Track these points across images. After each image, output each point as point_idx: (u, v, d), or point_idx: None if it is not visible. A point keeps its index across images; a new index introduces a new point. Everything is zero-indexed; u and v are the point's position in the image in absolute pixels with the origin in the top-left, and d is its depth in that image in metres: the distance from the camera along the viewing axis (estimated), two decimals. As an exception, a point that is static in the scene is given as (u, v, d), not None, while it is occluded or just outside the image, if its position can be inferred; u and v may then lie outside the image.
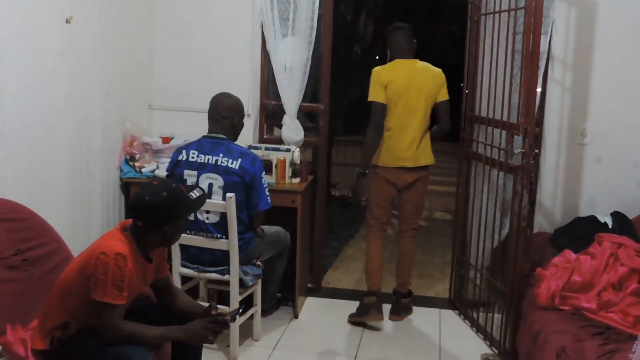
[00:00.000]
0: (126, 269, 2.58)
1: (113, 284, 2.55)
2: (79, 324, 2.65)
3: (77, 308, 2.64)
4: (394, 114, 4.23)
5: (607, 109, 4.38)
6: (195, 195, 2.88)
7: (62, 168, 3.58)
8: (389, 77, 4.21)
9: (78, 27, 3.59)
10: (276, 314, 4.42)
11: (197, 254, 3.76)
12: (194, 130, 4.06)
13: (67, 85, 3.57)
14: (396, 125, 4.24)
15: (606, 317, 3.35)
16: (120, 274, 2.56)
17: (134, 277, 2.65)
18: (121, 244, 2.64)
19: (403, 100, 4.21)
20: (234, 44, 4.60)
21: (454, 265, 4.75)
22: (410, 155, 4.26)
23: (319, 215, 4.88)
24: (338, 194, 8.31)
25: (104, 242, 2.67)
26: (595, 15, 4.30)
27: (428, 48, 13.92)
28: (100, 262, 2.56)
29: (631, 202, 4.32)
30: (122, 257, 2.58)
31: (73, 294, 2.64)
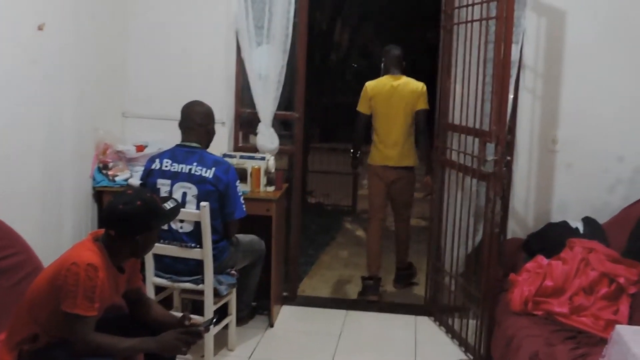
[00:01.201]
0: (97, 280, 2.54)
1: (84, 295, 2.51)
2: (48, 336, 2.60)
3: (46, 320, 2.59)
4: (379, 121, 4.96)
5: (577, 115, 4.41)
6: (170, 206, 2.86)
7: (33, 176, 3.52)
8: (374, 91, 4.95)
9: (50, 34, 3.54)
10: (251, 323, 4.39)
11: (171, 264, 3.72)
12: (168, 138, 4.01)
13: (39, 92, 3.51)
14: (381, 131, 4.96)
15: (578, 322, 3.40)
16: (91, 285, 2.52)
17: (106, 288, 2.62)
18: (92, 254, 2.60)
19: (385, 110, 4.92)
20: (209, 51, 4.57)
21: (429, 271, 4.75)
22: (394, 155, 4.92)
23: (294, 224, 4.86)
24: (314, 201, 8.31)
25: (74, 252, 2.63)
26: (565, 24, 4.34)
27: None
28: (70, 272, 2.52)
29: (601, 207, 4.35)
30: (93, 268, 2.54)
31: (43, 306, 2.59)
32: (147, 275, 3.67)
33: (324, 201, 8.45)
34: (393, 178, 4.96)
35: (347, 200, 8.37)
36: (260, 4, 4.48)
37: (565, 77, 4.39)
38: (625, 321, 3.30)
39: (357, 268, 5.85)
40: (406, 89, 4.88)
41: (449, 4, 4.41)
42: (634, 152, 4.39)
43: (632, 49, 4.32)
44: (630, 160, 4.40)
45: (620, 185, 4.41)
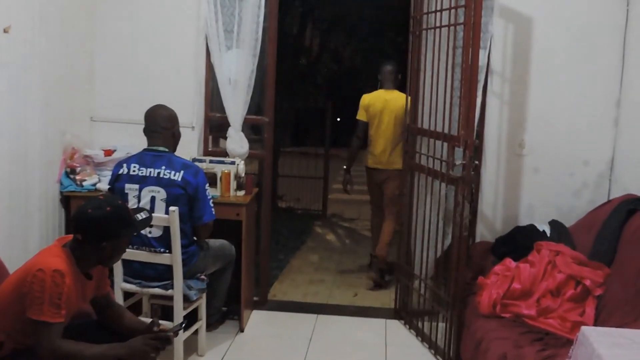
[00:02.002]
0: (64, 286, 2.51)
1: (50, 302, 2.48)
2: (14, 343, 2.57)
3: (12, 327, 2.56)
4: (373, 129, 5.50)
5: (543, 120, 4.47)
6: (141, 217, 2.84)
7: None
8: (369, 102, 5.50)
9: (17, 36, 3.49)
10: (221, 328, 4.37)
11: (140, 269, 3.69)
12: (137, 142, 3.97)
13: (5, 95, 3.46)
14: (374, 137, 5.51)
15: (545, 323, 3.44)
16: (57, 292, 2.49)
17: (73, 295, 2.59)
18: (59, 260, 2.57)
19: (377, 120, 5.45)
20: (178, 55, 4.55)
21: (398, 275, 4.77)
22: (384, 160, 5.46)
23: (265, 228, 4.85)
24: (285, 206, 8.31)
25: (41, 258, 2.60)
26: (531, 30, 4.40)
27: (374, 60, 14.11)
28: (36, 279, 2.48)
29: (568, 211, 4.42)
30: (60, 274, 2.51)
31: (8, 313, 2.55)
32: (115, 281, 3.64)
33: (295, 205, 8.47)
34: (383, 178, 5.52)
35: (318, 205, 8.40)
36: (229, 9, 4.46)
37: (532, 82, 4.46)
38: (591, 322, 3.34)
39: (327, 272, 5.87)
40: (397, 104, 5.26)
41: (418, 10, 4.44)
42: (599, 156, 4.47)
43: (598, 55, 4.39)
44: (595, 164, 4.47)
45: (586, 189, 4.49)
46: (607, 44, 4.37)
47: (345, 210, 8.66)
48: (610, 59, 4.38)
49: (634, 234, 3.48)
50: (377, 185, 5.61)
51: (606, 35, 4.37)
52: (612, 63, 4.38)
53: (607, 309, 3.36)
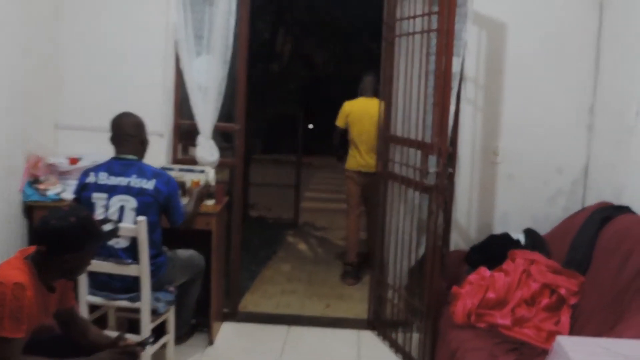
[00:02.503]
0: (25, 300, 2.47)
1: (10, 316, 2.43)
2: (-27, 359, 2.51)
3: (-29, 342, 2.50)
4: (354, 135, 5.83)
5: (518, 127, 4.51)
6: (107, 229, 2.81)
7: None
8: (350, 109, 5.88)
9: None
10: (190, 342, 4.32)
11: (106, 281, 3.63)
12: (104, 150, 3.91)
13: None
14: (357, 143, 5.82)
15: (520, 333, 3.45)
16: (18, 305, 2.44)
17: (34, 309, 2.54)
18: (20, 272, 2.52)
19: (359, 126, 5.79)
20: (147, 61, 4.51)
21: (372, 285, 4.76)
22: (365, 164, 5.72)
23: (235, 238, 4.81)
24: (256, 215, 8.28)
25: (1, 271, 2.55)
26: (505, 36, 4.44)
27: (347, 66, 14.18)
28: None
29: (542, 219, 4.46)
30: (21, 287, 2.46)
31: (-33, 328, 2.50)
32: (80, 294, 3.57)
33: (266, 214, 8.43)
34: (365, 181, 5.76)
35: (290, 214, 8.37)
36: (200, 14, 4.44)
37: (505, 89, 4.50)
38: (567, 332, 3.37)
39: (299, 282, 5.85)
40: (376, 110, 5.09)
41: (391, 16, 4.45)
42: (573, 163, 4.52)
43: (571, 61, 4.45)
44: (569, 172, 4.52)
45: (560, 196, 4.53)
46: (580, 50, 4.43)
47: (318, 219, 8.65)
48: (583, 65, 4.44)
49: (608, 242, 3.52)
50: (360, 188, 5.89)
51: (579, 41, 4.43)
52: (585, 69, 4.44)
53: (583, 318, 3.39)
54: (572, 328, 3.40)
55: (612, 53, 4.28)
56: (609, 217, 3.69)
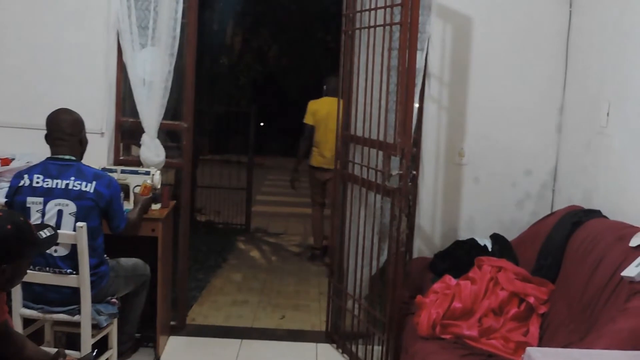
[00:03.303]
0: (-44, 313, 2.42)
1: (-60, 331, 2.39)
2: None
3: None
4: (319, 133, 6.48)
5: (484, 127, 4.59)
6: (46, 235, 2.77)
7: None
8: (315, 108, 6.51)
9: None
10: (135, 357, 4.28)
11: (42, 292, 3.57)
12: (39, 150, 3.88)
13: None
14: (320, 140, 6.47)
15: (488, 344, 3.48)
16: (-51, 320, 2.40)
17: (-33, 323, 2.50)
18: (-49, 284, 2.48)
19: (324, 124, 6.39)
20: (86, 54, 4.46)
21: (330, 295, 4.78)
22: (327, 161, 6.30)
23: (183, 245, 4.79)
24: (204, 219, 8.24)
25: None
26: (471, 31, 4.51)
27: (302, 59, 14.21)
28: None
29: (510, 223, 4.55)
30: (-48, 300, 2.42)
31: None
32: (13, 307, 3.51)
33: (215, 219, 8.39)
34: (327, 177, 6.41)
35: (240, 218, 8.35)
36: (144, 3, 4.42)
37: (471, 87, 4.57)
38: (536, 342, 3.41)
39: (252, 292, 5.84)
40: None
41: (351, 8, 4.47)
42: (542, 166, 4.61)
43: (540, 59, 4.54)
44: (538, 174, 4.61)
45: (528, 200, 4.62)
46: (549, 47, 4.53)
47: (271, 225, 8.66)
48: (553, 62, 4.54)
49: (579, 248, 3.57)
50: (322, 183, 6.66)
51: (549, 37, 4.52)
52: (555, 67, 4.54)
53: (552, 328, 3.43)
54: (542, 339, 3.44)
55: (582, 50, 4.37)
56: (579, 221, 3.75)
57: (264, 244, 7.76)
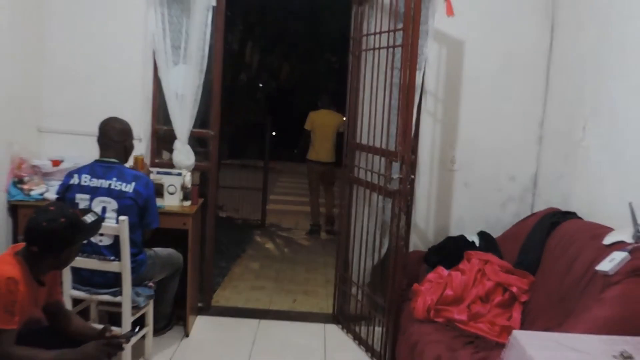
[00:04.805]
0: (18, 294, 2.43)
1: (4, 309, 2.40)
2: (-33, 349, 2.46)
3: (-35, 334, 2.46)
4: (316, 136, 7.53)
5: (473, 138, 4.58)
6: (90, 220, 2.77)
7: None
8: (314, 118, 7.59)
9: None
10: (168, 333, 4.30)
11: (89, 276, 3.59)
12: (85, 153, 3.89)
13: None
14: (318, 141, 7.54)
15: (476, 328, 3.48)
16: (11, 299, 2.41)
17: (26, 301, 2.51)
18: (12, 268, 2.49)
19: (319, 130, 7.51)
20: (127, 69, 4.46)
21: (337, 282, 4.78)
22: (319, 156, 7.54)
23: (209, 237, 4.79)
24: (225, 216, 8.24)
25: (-6, 267, 2.51)
26: (463, 53, 4.52)
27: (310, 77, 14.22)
28: (-10, 287, 2.40)
29: (495, 222, 4.54)
30: (14, 282, 2.43)
31: (-39, 320, 2.46)
32: (64, 288, 3.53)
33: (234, 215, 8.40)
34: (320, 168, 7.59)
35: (257, 215, 8.35)
36: (177, 25, 4.41)
37: (462, 102, 4.57)
38: (518, 326, 3.42)
39: (267, 279, 5.85)
40: (333, 119, 7.48)
41: (358, 32, 4.49)
42: (524, 172, 4.61)
43: (524, 78, 4.54)
44: (520, 180, 4.61)
45: (511, 202, 4.62)
46: (532, 68, 4.53)
47: (283, 220, 8.66)
48: (535, 82, 4.54)
49: (557, 245, 3.58)
50: (317, 173, 7.65)
51: (532, 60, 4.52)
52: (536, 86, 4.54)
53: (532, 314, 3.44)
54: (523, 323, 3.45)
55: (561, 72, 4.37)
56: (557, 222, 3.76)
57: (277, 237, 7.76)
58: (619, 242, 3.08)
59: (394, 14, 4.04)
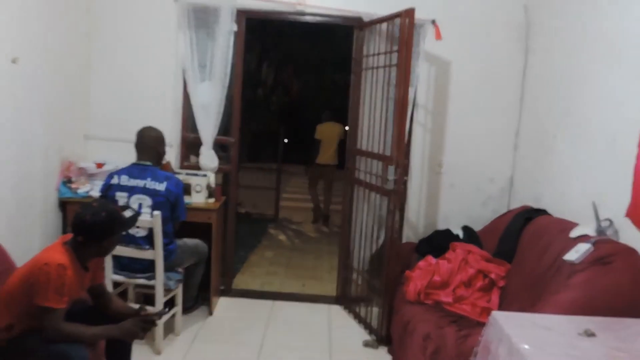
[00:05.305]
0: (66, 278, 2.45)
1: (55, 291, 2.41)
2: (22, 325, 2.48)
3: (21, 312, 2.47)
4: (323, 143, 7.68)
5: (458, 145, 4.57)
6: (129, 215, 2.79)
7: (6, 189, 3.34)
8: (321, 129, 7.73)
9: (23, 66, 3.38)
10: (195, 312, 4.30)
11: (128, 263, 3.61)
12: (124, 157, 3.90)
13: (13, 117, 3.35)
14: (323, 148, 7.69)
15: (459, 308, 3.49)
16: (61, 282, 2.43)
17: (73, 284, 2.52)
18: (62, 255, 2.50)
19: (326, 140, 7.66)
20: (160, 85, 4.46)
21: (340, 269, 4.77)
22: (325, 160, 7.70)
23: (230, 229, 4.79)
24: (243, 211, 8.24)
25: (46, 254, 2.52)
26: (449, 72, 4.50)
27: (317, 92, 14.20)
28: (42, 271, 2.42)
29: (476, 218, 4.52)
30: (63, 267, 2.45)
31: (17, 300, 2.47)
32: (106, 273, 3.53)
33: (252, 211, 8.39)
34: (322, 169, 7.78)
35: (271, 210, 8.35)
36: (203, 47, 4.41)
37: (449, 114, 4.55)
38: (496, 308, 3.42)
39: (280, 266, 5.84)
40: (336, 130, 7.64)
41: (359, 53, 4.47)
42: (502, 175, 4.59)
43: (502, 93, 4.53)
44: (498, 181, 4.60)
45: (491, 201, 4.60)
46: (509, 85, 4.51)
47: (294, 215, 8.65)
48: (511, 97, 4.52)
49: (530, 238, 3.57)
50: (319, 174, 7.86)
51: (509, 78, 4.51)
52: (513, 100, 4.52)
53: (509, 298, 3.44)
54: (501, 305, 3.45)
55: (534, 86, 4.36)
56: (530, 218, 3.75)
57: (288, 230, 7.75)
58: (583, 235, 3.08)
59: (390, 38, 4.03)
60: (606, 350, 2.20)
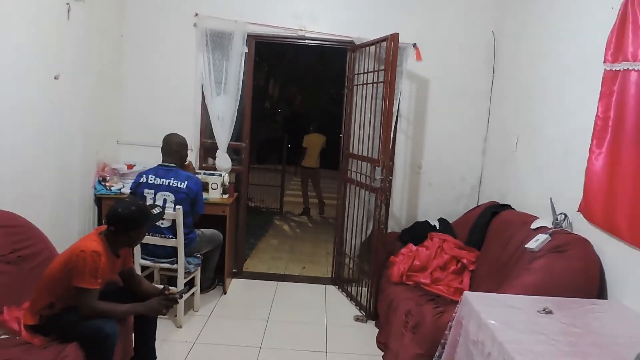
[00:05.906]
0: (100, 263, 2.41)
1: (90, 274, 2.37)
2: (62, 304, 2.44)
3: (60, 292, 2.43)
4: (308, 150, 7.66)
5: (435, 150, 4.54)
6: (156, 212, 2.75)
7: (50, 186, 3.31)
8: (308, 138, 7.68)
9: (64, 81, 3.35)
10: (211, 292, 4.26)
11: (154, 250, 3.57)
12: (151, 159, 3.88)
13: (55, 125, 3.32)
14: (308, 154, 7.66)
15: (436, 289, 3.46)
16: (95, 267, 2.39)
17: (106, 269, 2.48)
18: (96, 244, 2.46)
19: (311, 146, 7.64)
20: (182, 98, 4.42)
21: (334, 254, 4.74)
22: (309, 163, 7.69)
23: (241, 221, 4.76)
24: (253, 205, 8.20)
25: (83, 242, 2.48)
26: (428, 88, 4.48)
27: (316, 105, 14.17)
28: (80, 257, 2.38)
29: (450, 212, 4.50)
30: (97, 254, 2.41)
31: (57, 282, 2.43)
32: (135, 258, 3.51)
33: (260, 205, 8.35)
34: (308, 171, 7.81)
35: (276, 204, 8.30)
36: (219, 66, 4.37)
37: (427, 124, 4.52)
38: (467, 288, 3.40)
39: (284, 252, 5.80)
40: (320, 140, 7.68)
41: (351, 71, 4.43)
42: (472, 175, 4.57)
43: (472, 107, 4.50)
44: (469, 180, 4.57)
45: (462, 197, 4.58)
46: (479, 98, 4.49)
47: (295, 209, 8.58)
48: (480, 108, 4.50)
49: (496, 229, 3.55)
50: (306, 175, 7.87)
51: (479, 92, 4.48)
52: (482, 111, 4.50)
53: (478, 280, 3.42)
54: (471, 286, 3.43)
55: (500, 100, 4.34)
56: (496, 212, 3.74)
57: (291, 221, 7.70)
58: (542, 227, 3.06)
59: (377, 58, 4.01)
60: (562, 326, 2.17)
